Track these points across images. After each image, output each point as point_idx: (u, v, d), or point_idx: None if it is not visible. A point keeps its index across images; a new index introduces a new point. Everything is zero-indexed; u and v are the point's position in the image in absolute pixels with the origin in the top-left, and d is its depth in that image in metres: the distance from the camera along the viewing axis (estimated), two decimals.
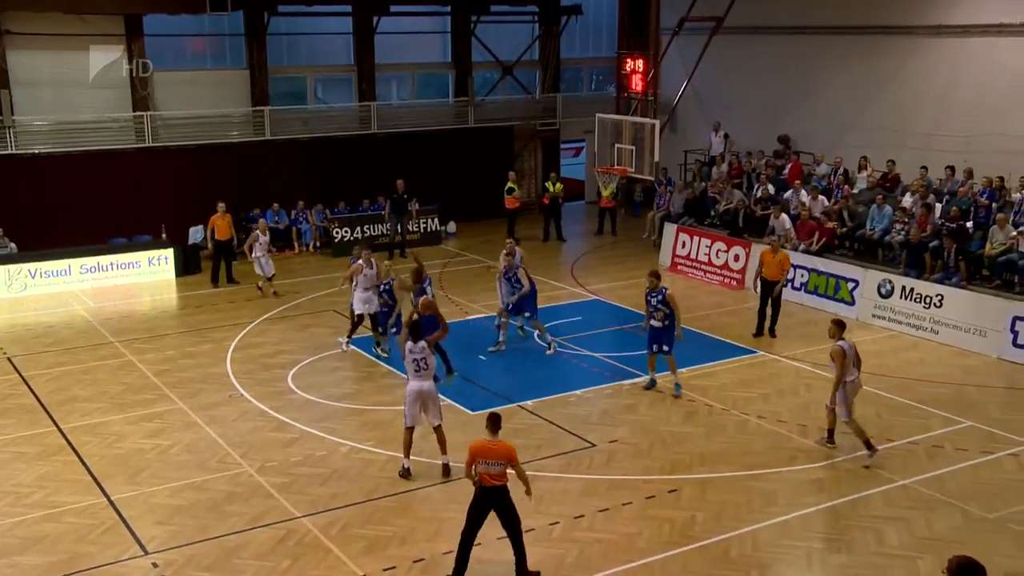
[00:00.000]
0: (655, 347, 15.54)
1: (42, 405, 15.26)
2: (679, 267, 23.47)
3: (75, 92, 24.90)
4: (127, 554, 10.78)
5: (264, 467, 12.93)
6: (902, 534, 11.15)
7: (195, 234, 24.84)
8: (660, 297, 15.32)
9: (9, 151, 23.90)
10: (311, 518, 11.57)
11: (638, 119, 25.08)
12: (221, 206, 22.52)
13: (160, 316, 20.51)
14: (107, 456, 13.30)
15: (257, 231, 21.73)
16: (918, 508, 11.76)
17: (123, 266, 22.92)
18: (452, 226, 28.20)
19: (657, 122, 24.05)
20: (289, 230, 26.15)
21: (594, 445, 13.59)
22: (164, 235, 24.58)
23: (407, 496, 12.17)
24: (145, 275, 22.94)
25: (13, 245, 23.08)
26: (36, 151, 24.23)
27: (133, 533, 11.19)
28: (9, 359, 17.44)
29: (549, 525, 11.34)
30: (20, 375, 16.66)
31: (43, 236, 23.62)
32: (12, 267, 21.85)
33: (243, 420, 14.62)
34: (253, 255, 21.51)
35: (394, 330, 17.04)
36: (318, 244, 26.41)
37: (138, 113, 25.57)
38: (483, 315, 18.64)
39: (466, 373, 16.41)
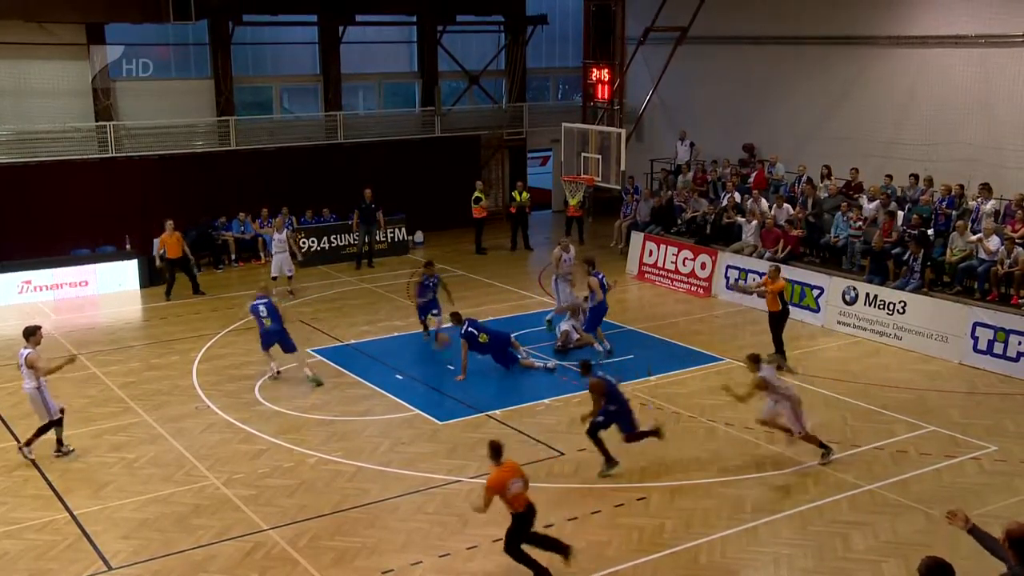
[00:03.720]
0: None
1: (2, 420, 15.03)
2: (646, 275, 23.59)
3: (36, 102, 24.61)
4: (90, 570, 10.65)
5: (231, 479, 12.83)
6: (868, 538, 11.27)
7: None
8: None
9: None
10: (279, 530, 11.50)
11: (604, 128, 25.19)
12: (169, 224, 22.06)
13: (124, 328, 20.28)
14: (70, 470, 13.13)
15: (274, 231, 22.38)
16: (884, 512, 11.90)
17: (86, 278, 22.65)
18: (420, 235, 28.16)
19: (623, 131, 24.15)
20: (255, 240, 25.97)
21: (563, 454, 13.61)
22: (128, 246, 24.34)
23: (375, 507, 12.12)
24: (109, 286, 22.69)
25: None
26: (4, 161, 23.94)
27: (96, 548, 11.06)
28: None
29: None
30: None
31: (4, 247, 23.29)
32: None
33: (210, 432, 14.49)
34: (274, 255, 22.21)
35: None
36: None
37: (100, 123, 25.33)
38: (449, 324, 18.52)
39: (436, 383, 16.38)
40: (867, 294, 18.90)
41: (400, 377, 16.70)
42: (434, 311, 18.46)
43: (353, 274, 24.75)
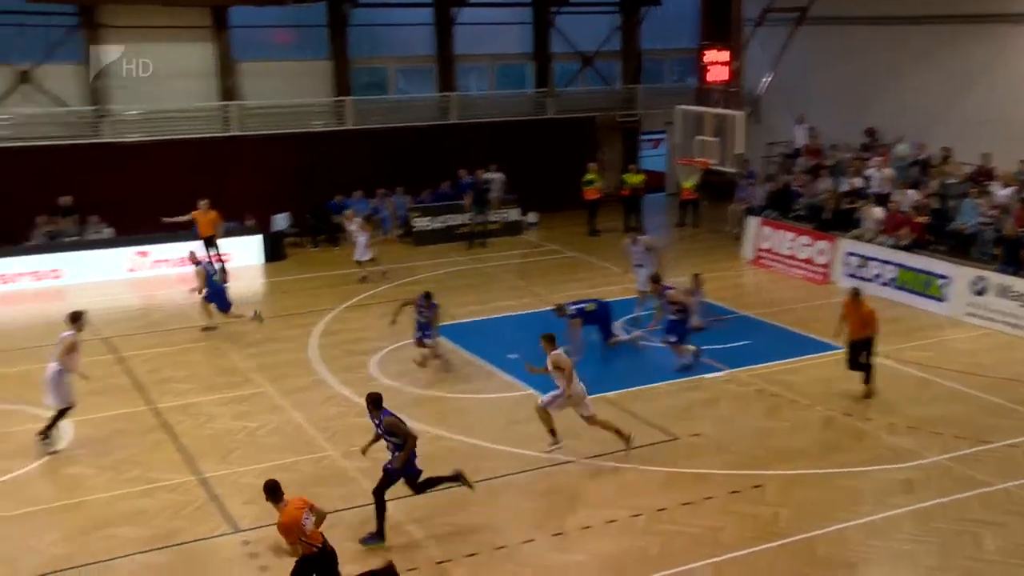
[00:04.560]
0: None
1: (138, 385, 15.73)
2: (761, 260, 23.16)
3: (164, 82, 25.55)
4: (219, 531, 11.07)
5: (349, 452, 13.11)
6: (1000, 539, 10.81)
7: (279, 221, 25.32)
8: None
9: (105, 139, 24.64)
10: (394, 503, 11.68)
11: (721, 110, 24.75)
12: (203, 203, 22.09)
13: (247, 301, 20.91)
14: (199, 436, 13.66)
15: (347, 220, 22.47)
16: (1020, 514, 11.38)
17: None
18: (533, 216, 28.21)
19: (741, 113, 23.69)
20: (368, 218, 26.46)
21: (676, 438, 13.51)
22: (249, 222, 25.05)
23: (488, 484, 12.23)
24: (232, 261, 23.43)
25: (111, 230, 23.82)
26: (129, 139, 24.93)
27: (224, 511, 11.47)
28: (107, 340, 17.96)
29: (631, 517, 11.31)
30: (117, 356, 17.16)
31: (137, 222, 24.21)
32: (108, 252, 22.56)
33: (328, 405, 14.87)
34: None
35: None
36: (399, 232, 26.70)
37: (224, 103, 26.13)
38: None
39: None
40: (999, 285, 18.15)
41: (513, 356, 16.78)
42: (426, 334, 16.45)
43: (465, 254, 24.99)
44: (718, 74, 28.18)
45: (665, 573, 10.12)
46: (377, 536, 10.80)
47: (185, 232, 22.40)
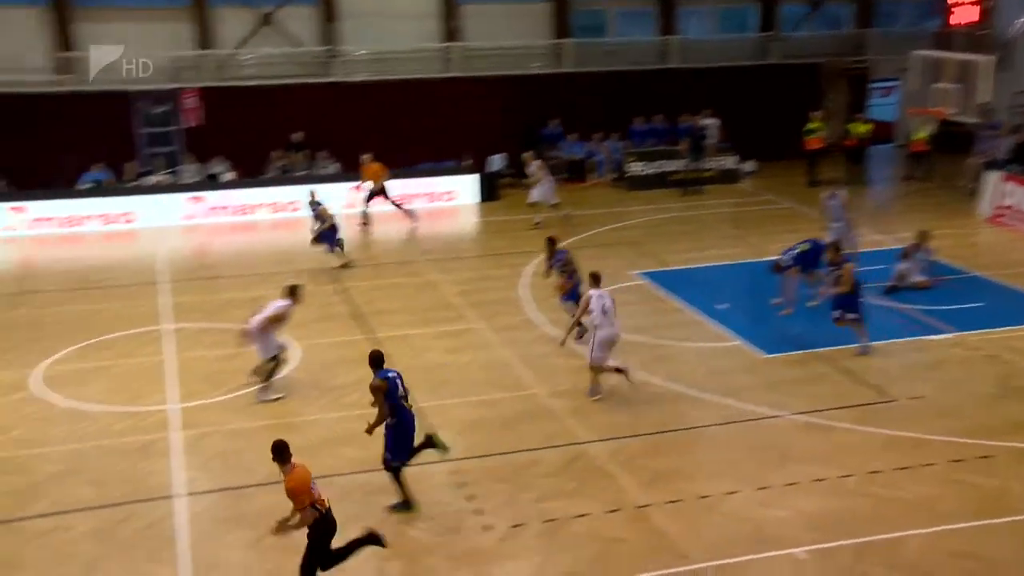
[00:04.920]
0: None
1: (357, 315, 16.50)
2: (1001, 218, 21.50)
3: (390, 23, 26.35)
4: (429, 459, 11.45)
5: (555, 391, 13.28)
6: None
7: (495, 162, 25.75)
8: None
9: (336, 79, 25.77)
10: (598, 444, 11.79)
11: (966, 56, 22.96)
12: (366, 157, 22.23)
13: (461, 240, 21.48)
14: (413, 366, 14.09)
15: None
16: None
17: (430, 190, 24.13)
18: (751, 165, 27.35)
19: (990, 58, 21.88)
20: (582, 162, 26.47)
21: (894, 400, 12.86)
22: (466, 162, 25.59)
23: (693, 432, 12.12)
24: (449, 199, 24.09)
25: (337, 165, 24.98)
26: (356, 79, 25.95)
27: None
28: (329, 270, 18.91)
29: (841, 477, 10.88)
30: (338, 285, 18.05)
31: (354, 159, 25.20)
32: (334, 187, 23.71)
33: (536, 345, 15.07)
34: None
35: None
36: (613, 177, 26.57)
37: (446, 44, 26.70)
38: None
39: (761, 315, 15.96)
40: None
41: (722, 307, 16.43)
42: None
43: (678, 200, 24.60)
44: (965, 15, 26.11)
45: (873, 538, 9.70)
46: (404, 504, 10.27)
47: (397, 171, 22.95)
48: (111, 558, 9.53)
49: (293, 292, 13.33)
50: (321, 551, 8.42)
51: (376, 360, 10.31)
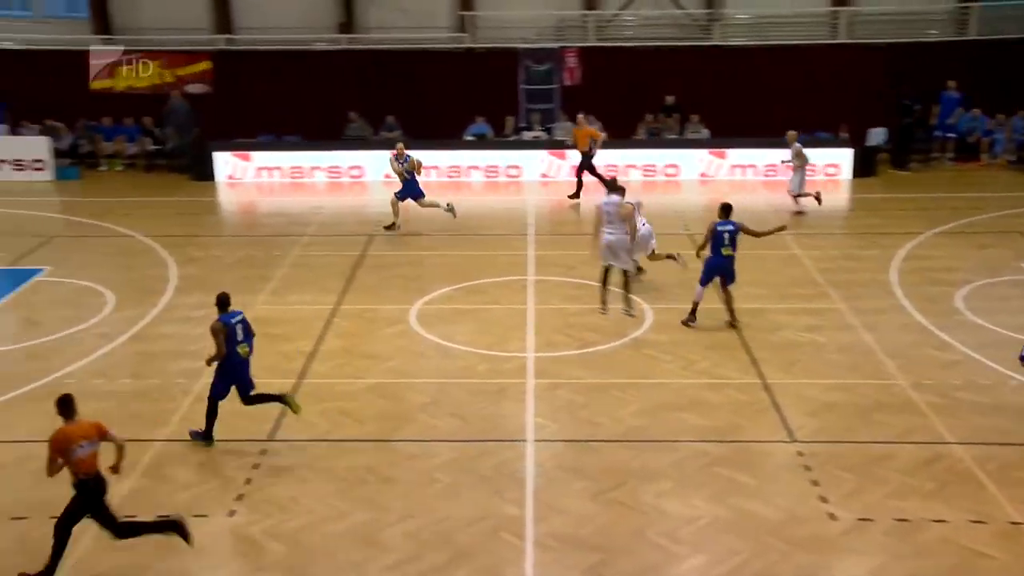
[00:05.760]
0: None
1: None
2: None
3: None
4: (775, 436, 11.17)
5: (919, 384, 12.37)
6: None
7: (875, 136, 24.22)
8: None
9: (715, 43, 25.45)
10: (965, 447, 10.84)
11: None
12: (580, 117, 21.32)
13: (830, 216, 20.49)
14: (766, 342, 13.82)
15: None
16: None
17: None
18: None
19: None
20: (978, 140, 24.24)
21: None
22: (843, 135, 24.28)
23: None
24: (818, 173, 23.00)
25: (707, 131, 24.76)
26: (736, 43, 25.45)
27: (783, 419, 11.56)
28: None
29: None
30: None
31: (731, 125, 24.74)
32: (702, 154, 23.58)
33: (902, 332, 14.11)
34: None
35: None
36: (1011, 159, 24.10)
37: (834, 8, 25.39)
38: None
39: None
40: None
41: None
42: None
43: None
44: None
45: None
46: (204, 434, 10.97)
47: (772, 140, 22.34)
48: (468, 487, 10.20)
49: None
50: (74, 515, 8.50)
51: (222, 302, 10.75)
